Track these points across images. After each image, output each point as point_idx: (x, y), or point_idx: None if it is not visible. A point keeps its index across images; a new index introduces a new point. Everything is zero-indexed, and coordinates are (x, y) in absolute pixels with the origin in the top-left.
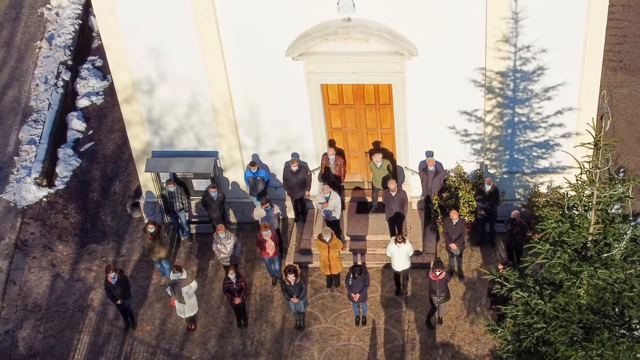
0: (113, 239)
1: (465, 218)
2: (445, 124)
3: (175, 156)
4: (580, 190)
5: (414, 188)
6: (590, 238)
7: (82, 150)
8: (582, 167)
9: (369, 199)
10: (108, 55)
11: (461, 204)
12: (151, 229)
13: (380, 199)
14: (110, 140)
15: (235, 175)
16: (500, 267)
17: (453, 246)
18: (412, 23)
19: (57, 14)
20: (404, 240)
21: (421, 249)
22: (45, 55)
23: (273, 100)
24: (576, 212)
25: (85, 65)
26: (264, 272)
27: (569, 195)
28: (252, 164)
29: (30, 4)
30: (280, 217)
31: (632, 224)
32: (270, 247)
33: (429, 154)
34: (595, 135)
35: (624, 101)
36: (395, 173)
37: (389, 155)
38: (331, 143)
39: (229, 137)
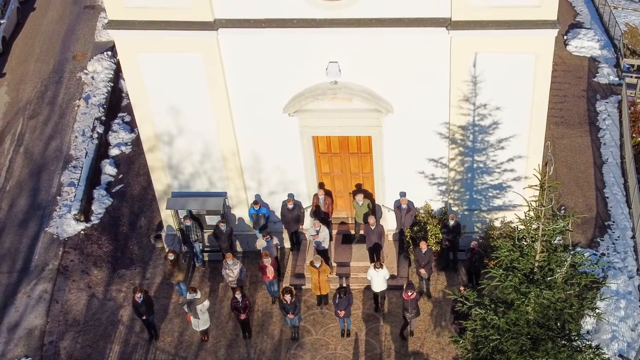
0: (139, 265)
1: (433, 248)
2: (416, 169)
3: (191, 196)
4: (528, 224)
5: (389, 223)
6: (536, 264)
7: (113, 191)
8: (529, 205)
9: (353, 232)
10: (135, 112)
11: (429, 236)
12: (171, 256)
13: (361, 232)
14: (137, 182)
15: (241, 211)
16: (462, 288)
17: (422, 271)
18: (389, 85)
19: (92, 77)
20: (381, 266)
21: (396, 274)
22: (83, 112)
23: (272, 149)
24: (525, 243)
25: (116, 120)
26: (265, 292)
27: (519, 229)
28: (255, 202)
29: (70, 69)
30: (279, 247)
31: (572, 252)
32: (270, 272)
33: (402, 194)
34: (541, 178)
35: (564, 150)
36: (374, 210)
37: (369, 195)
38: (321, 185)
39: (235, 180)
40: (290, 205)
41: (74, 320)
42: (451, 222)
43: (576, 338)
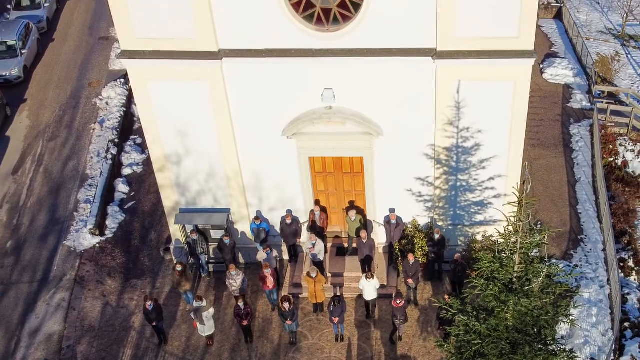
0: (150, 275)
1: (420, 259)
2: (404, 187)
3: (197, 212)
4: (507, 238)
5: (380, 236)
6: (515, 275)
7: (126, 207)
8: (508, 220)
9: (346, 245)
10: (146, 135)
11: (416, 249)
12: (179, 267)
13: (354, 245)
14: (147, 200)
15: (244, 226)
16: (446, 297)
17: (410, 281)
18: (379, 110)
19: (107, 103)
20: (372, 277)
21: (386, 283)
22: (98, 134)
23: (272, 169)
24: (504, 255)
25: (128, 143)
26: (265, 301)
27: (499, 242)
28: (256, 218)
29: (86, 95)
30: (278, 258)
31: (547, 264)
32: (270, 282)
33: (392, 210)
34: (519, 196)
35: (541, 170)
36: (366, 225)
37: (361, 211)
38: (317, 202)
39: (238, 197)
40: (288, 221)
41: (90, 326)
42: (436, 236)
43: (551, 343)
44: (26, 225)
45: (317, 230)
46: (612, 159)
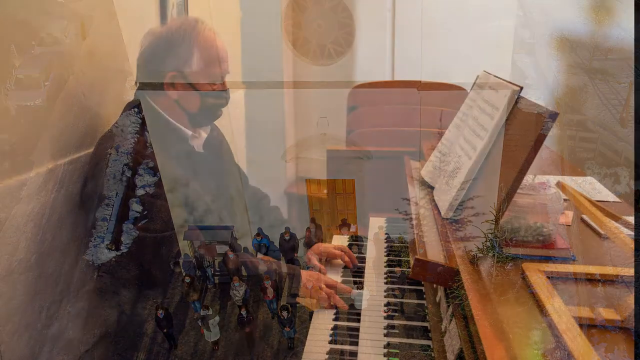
0: (161, 286)
1: (405, 272)
2: (391, 206)
3: (204, 229)
4: (485, 252)
5: (369, 251)
6: (492, 286)
7: (139, 225)
8: (486, 236)
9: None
10: (157, 159)
11: (402, 262)
12: (187, 279)
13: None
14: (159, 218)
15: (246, 242)
16: (429, 305)
17: (396, 291)
18: (368, 136)
19: (122, 130)
20: (362, 287)
21: (374, 293)
22: (114, 159)
23: (272, 190)
24: (482, 268)
25: (141, 166)
26: (265, 309)
27: (477, 256)
28: (258, 234)
29: (103, 123)
30: (277, 271)
31: (521, 276)
32: (270, 292)
33: (380, 227)
34: (496, 214)
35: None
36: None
37: (352, 228)
38: (312, 220)
39: (241, 215)
40: (287, 237)
41: (107, 333)
42: (420, 251)
43: (525, 347)
44: (49, 240)
45: (313, 245)
46: (580, 180)
